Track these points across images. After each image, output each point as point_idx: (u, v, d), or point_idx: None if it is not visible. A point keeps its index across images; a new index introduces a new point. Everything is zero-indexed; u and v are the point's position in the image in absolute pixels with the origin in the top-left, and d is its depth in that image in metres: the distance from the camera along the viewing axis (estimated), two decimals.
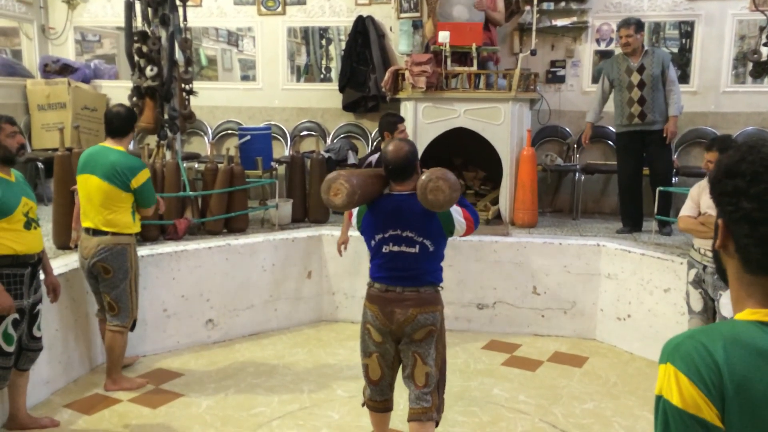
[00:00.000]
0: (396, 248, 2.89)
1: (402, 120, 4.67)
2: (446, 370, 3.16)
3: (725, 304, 3.60)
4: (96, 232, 3.88)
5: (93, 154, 3.93)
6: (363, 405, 3.17)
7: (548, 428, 3.71)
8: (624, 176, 5.60)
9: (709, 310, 3.73)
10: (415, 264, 2.90)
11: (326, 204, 2.86)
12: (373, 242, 2.95)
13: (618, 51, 5.79)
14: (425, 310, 2.90)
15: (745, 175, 1.11)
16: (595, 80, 6.60)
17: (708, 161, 3.68)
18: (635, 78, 5.32)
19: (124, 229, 3.92)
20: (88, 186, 3.88)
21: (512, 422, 3.77)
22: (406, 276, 2.91)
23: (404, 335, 2.92)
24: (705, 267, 3.71)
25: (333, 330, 5.27)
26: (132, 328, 4.10)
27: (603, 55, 6.48)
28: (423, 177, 2.76)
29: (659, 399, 1.10)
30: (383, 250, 2.92)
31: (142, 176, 3.88)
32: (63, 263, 4.28)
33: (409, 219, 2.87)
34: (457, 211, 2.91)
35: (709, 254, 3.66)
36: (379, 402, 3.10)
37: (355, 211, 3.04)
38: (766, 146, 1.12)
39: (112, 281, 3.93)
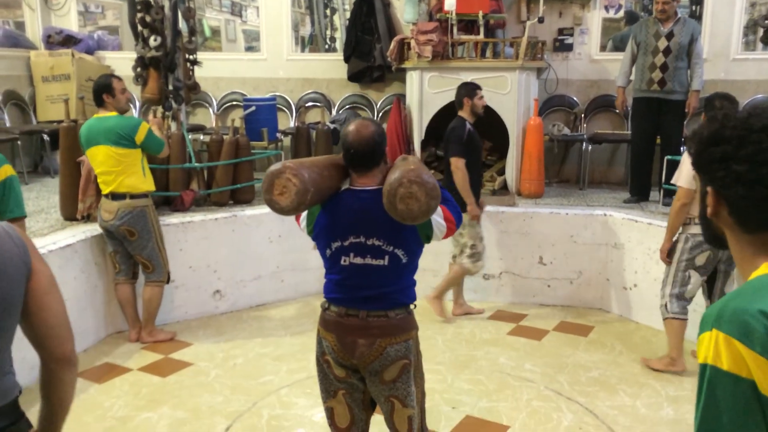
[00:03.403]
0: (359, 260, 2.25)
1: (480, 87, 4.64)
2: (425, 398, 2.56)
3: None
4: (115, 196, 4.12)
5: (91, 127, 4.11)
6: None
7: (553, 396, 3.75)
8: (637, 141, 5.56)
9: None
10: (383, 280, 2.26)
11: (269, 206, 2.15)
12: (328, 251, 2.31)
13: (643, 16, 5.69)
14: (396, 339, 2.26)
15: (731, 140, 1.14)
16: (603, 48, 6.53)
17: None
18: (662, 44, 5.22)
19: (140, 187, 4.16)
20: (100, 156, 4.09)
21: (518, 390, 3.81)
22: (372, 296, 2.26)
23: (371, 372, 2.28)
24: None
25: None
26: (168, 281, 4.40)
27: (629, 20, 6.40)
28: (392, 177, 2.07)
29: (705, 367, 1.07)
30: (342, 262, 2.28)
31: (143, 129, 4.12)
32: (70, 234, 4.30)
33: (376, 223, 2.21)
34: (437, 212, 2.22)
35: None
36: None
37: (305, 211, 2.37)
38: (740, 112, 1.16)
39: (139, 243, 4.19)
